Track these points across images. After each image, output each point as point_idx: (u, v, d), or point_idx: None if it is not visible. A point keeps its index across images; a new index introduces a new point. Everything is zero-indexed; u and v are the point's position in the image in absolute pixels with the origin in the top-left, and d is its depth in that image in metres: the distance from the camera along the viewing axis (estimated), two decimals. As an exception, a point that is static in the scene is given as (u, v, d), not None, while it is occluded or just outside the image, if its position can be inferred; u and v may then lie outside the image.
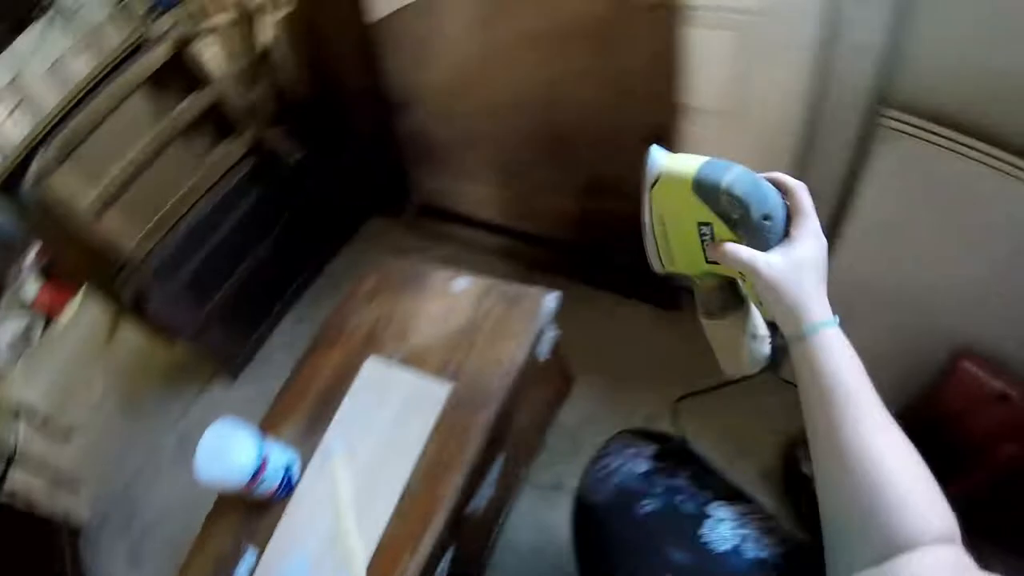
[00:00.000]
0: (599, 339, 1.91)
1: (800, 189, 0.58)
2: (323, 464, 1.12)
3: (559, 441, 1.70)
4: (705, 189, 0.57)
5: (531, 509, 1.60)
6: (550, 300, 1.27)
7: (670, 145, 1.54)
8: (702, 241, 0.60)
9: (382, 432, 1.13)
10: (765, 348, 0.65)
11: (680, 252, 0.62)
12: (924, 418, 1.27)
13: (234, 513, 1.13)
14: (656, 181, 0.61)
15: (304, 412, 1.23)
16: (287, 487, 1.10)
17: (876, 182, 1.21)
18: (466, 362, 1.21)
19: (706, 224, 0.58)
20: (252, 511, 1.10)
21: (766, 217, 0.56)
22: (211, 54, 1.81)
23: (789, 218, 0.57)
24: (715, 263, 0.59)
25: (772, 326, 0.61)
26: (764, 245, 0.56)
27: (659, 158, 0.61)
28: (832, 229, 1.41)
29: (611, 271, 1.92)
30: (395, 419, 1.15)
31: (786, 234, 0.57)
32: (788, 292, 0.53)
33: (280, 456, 1.09)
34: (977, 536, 1.30)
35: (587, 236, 1.89)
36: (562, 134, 1.71)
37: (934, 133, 1.11)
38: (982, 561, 0.47)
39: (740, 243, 0.57)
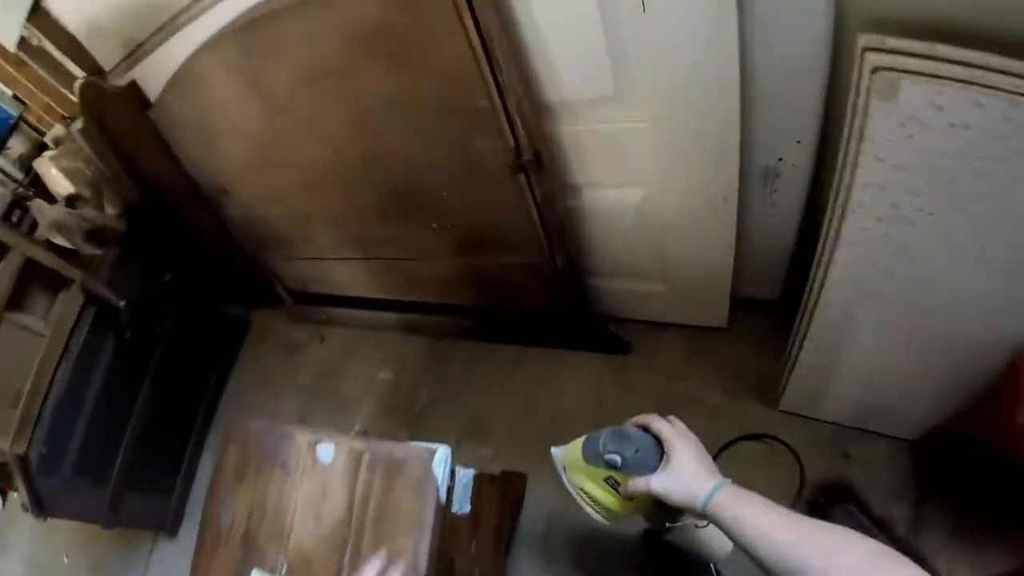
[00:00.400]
0: (546, 404, 1.46)
1: (654, 420, 0.70)
2: None
3: (528, 554, 1.30)
4: (592, 459, 0.71)
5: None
6: (440, 458, 0.90)
7: (557, 163, 1.05)
8: (615, 489, 0.70)
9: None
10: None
11: (609, 504, 0.71)
12: (996, 443, 0.92)
13: None
14: (565, 469, 0.75)
15: None
16: None
17: (878, 156, 0.72)
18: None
19: (608, 478, 0.70)
20: None
21: (636, 451, 0.68)
22: (55, 173, 1.54)
23: (659, 441, 0.68)
24: (632, 499, 0.69)
25: None
26: (648, 468, 0.66)
27: (558, 454, 0.77)
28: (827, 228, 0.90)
29: (537, 325, 1.45)
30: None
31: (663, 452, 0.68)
32: (675, 492, 0.63)
33: None
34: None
35: (487, 296, 1.40)
36: (406, 187, 1.23)
37: (939, 59, 0.63)
38: None
39: (633, 478, 0.67)
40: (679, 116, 0.94)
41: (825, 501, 1.11)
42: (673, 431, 0.67)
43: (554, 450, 0.76)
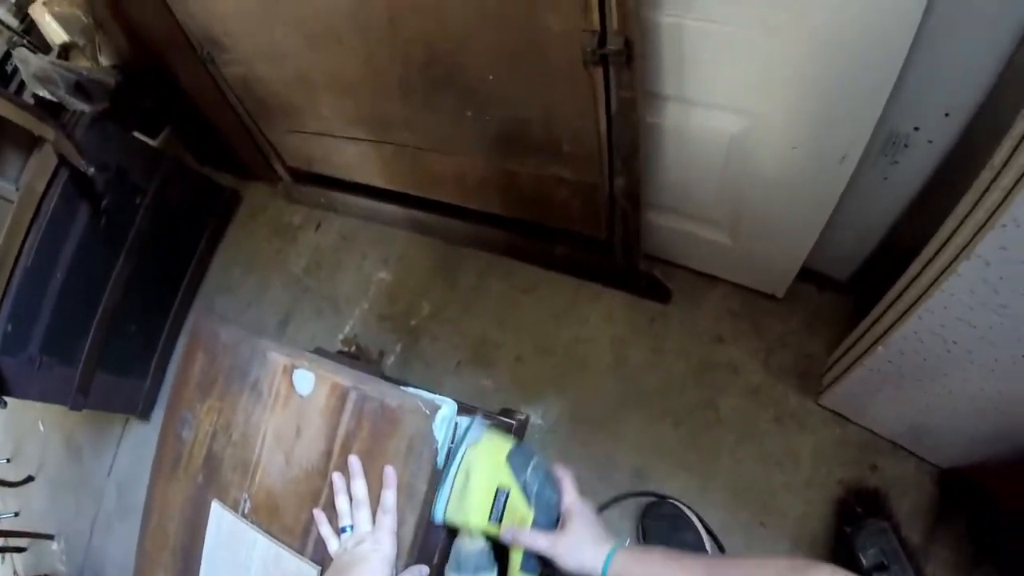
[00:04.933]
0: (563, 343, 1.23)
1: (567, 475, 0.63)
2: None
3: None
4: (517, 460, 0.61)
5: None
6: (443, 418, 0.67)
7: (647, 64, 0.79)
8: (494, 502, 0.61)
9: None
10: None
11: (472, 505, 0.61)
12: None
13: None
14: (477, 440, 0.63)
15: (170, 568, 0.88)
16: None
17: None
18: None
19: (504, 490, 0.61)
20: None
21: (553, 492, 0.61)
22: (48, 19, 1.43)
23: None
24: (496, 523, 0.61)
25: None
26: (547, 516, 0.60)
27: (482, 424, 0.65)
28: None
29: (564, 248, 1.19)
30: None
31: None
32: (573, 557, 0.57)
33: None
34: None
35: (518, 208, 1.15)
36: (441, 60, 0.91)
37: None
38: None
39: (528, 513, 0.60)
40: (830, 37, 0.65)
41: (861, 512, 0.93)
42: (578, 497, 0.62)
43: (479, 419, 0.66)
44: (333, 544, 0.64)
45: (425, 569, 0.63)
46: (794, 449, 1.00)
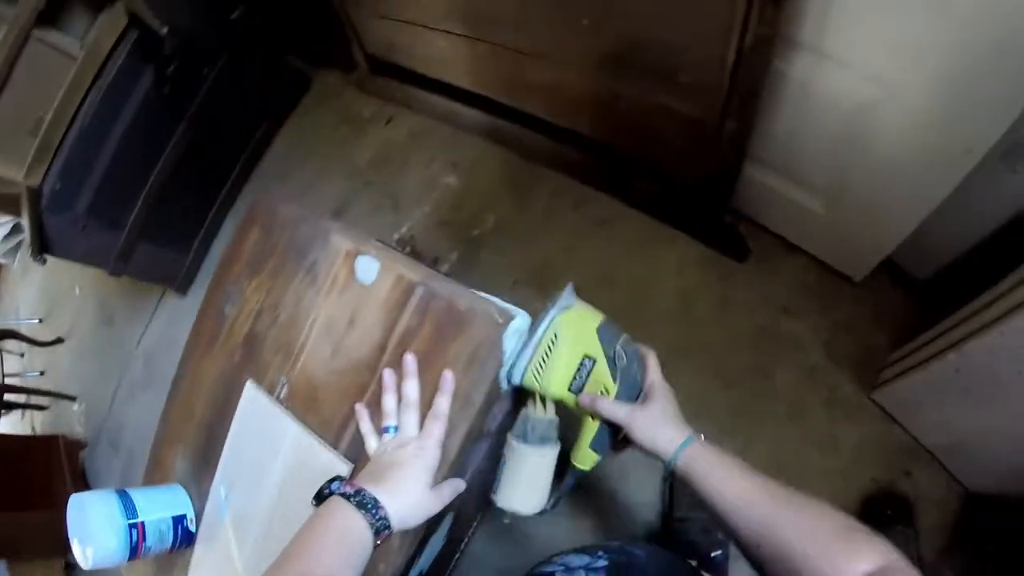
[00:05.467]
0: (628, 280, 1.17)
1: (652, 355, 0.61)
2: (215, 522, 0.80)
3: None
4: (608, 332, 0.59)
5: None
6: (515, 329, 0.61)
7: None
8: (578, 370, 0.59)
9: (272, 503, 0.74)
10: (546, 494, 0.63)
11: (553, 371, 0.59)
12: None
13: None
14: (569, 307, 0.60)
15: (192, 441, 0.86)
16: (185, 538, 0.82)
17: None
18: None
19: (591, 359, 0.59)
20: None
21: (639, 370, 0.60)
22: None
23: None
24: (574, 394, 0.59)
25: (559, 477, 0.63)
26: (630, 393, 0.59)
27: (573, 293, 0.62)
28: None
29: (649, 185, 1.13)
30: (284, 492, 0.74)
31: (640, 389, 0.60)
32: (649, 432, 0.56)
33: (164, 511, 0.81)
34: None
35: (612, 133, 1.04)
36: None
37: None
38: None
39: (613, 386, 0.58)
40: (999, 28, 0.59)
41: (891, 514, 0.91)
42: (662, 377, 0.60)
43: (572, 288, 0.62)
44: (372, 443, 0.60)
45: (463, 483, 0.60)
46: (837, 437, 0.98)
